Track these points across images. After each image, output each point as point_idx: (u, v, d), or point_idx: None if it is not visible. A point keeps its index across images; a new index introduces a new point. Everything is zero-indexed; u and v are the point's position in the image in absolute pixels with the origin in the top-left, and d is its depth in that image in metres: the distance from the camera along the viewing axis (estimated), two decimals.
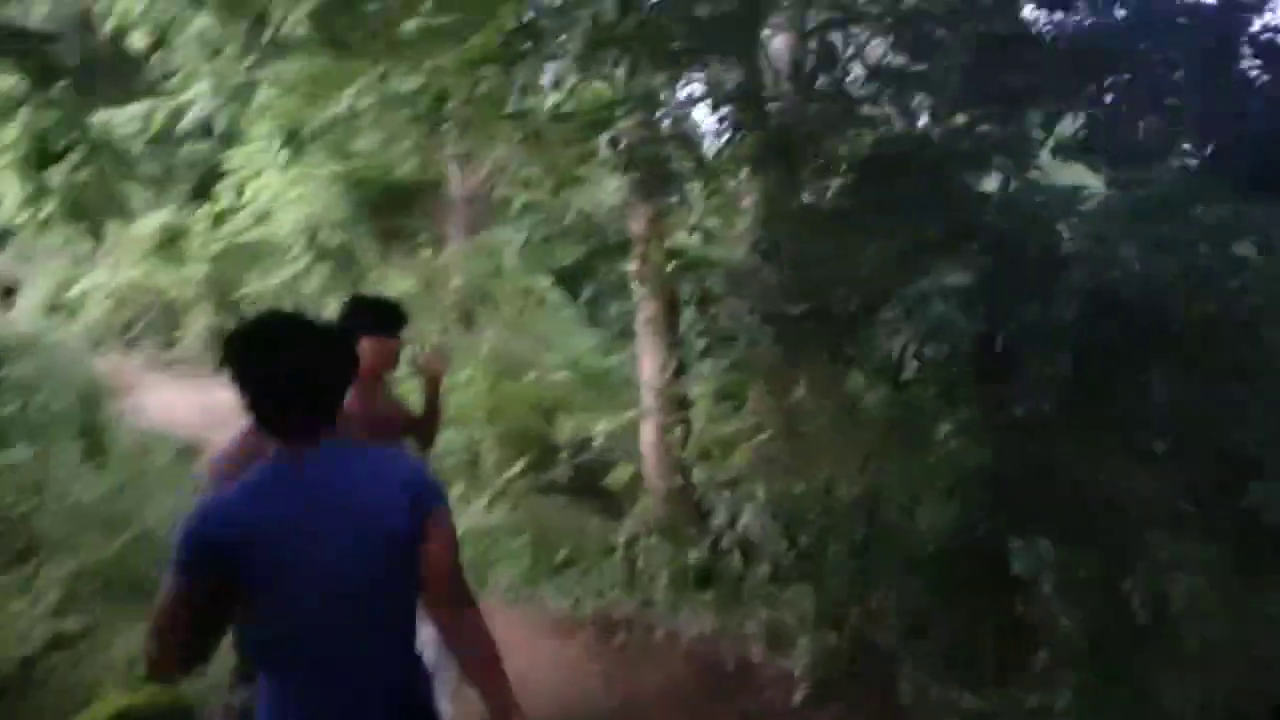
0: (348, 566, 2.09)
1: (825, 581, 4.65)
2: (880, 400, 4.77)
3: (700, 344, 5.90)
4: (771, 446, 5.21)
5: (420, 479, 2.25)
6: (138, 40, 12.09)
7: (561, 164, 6.47)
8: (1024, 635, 4.24)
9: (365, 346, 3.37)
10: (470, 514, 6.68)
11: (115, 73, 14.36)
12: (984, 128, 5.18)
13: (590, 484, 7.20)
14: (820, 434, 5.02)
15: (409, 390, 5.24)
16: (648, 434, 6.66)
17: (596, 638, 5.30)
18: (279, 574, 2.06)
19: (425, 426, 3.98)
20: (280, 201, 12.97)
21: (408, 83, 9.10)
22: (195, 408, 10.49)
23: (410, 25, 8.60)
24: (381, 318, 3.69)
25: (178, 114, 12.54)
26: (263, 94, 10.96)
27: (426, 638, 2.39)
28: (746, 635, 4.99)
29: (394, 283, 10.52)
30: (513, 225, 10.07)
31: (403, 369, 4.01)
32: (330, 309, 7.24)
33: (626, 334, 8.56)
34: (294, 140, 12.12)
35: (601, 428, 7.25)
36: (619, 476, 6.86)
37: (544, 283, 9.63)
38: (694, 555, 5.63)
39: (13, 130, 12.87)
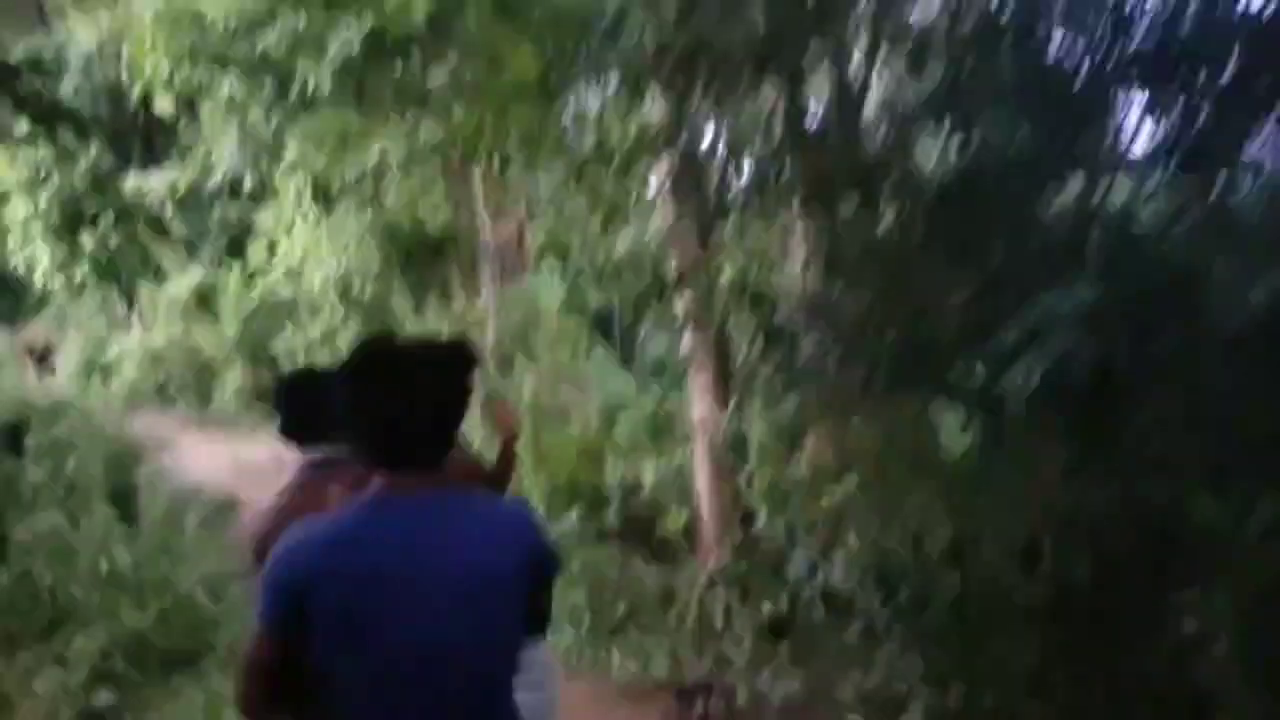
0: (441, 623, 1.80)
1: (926, 642, 4.00)
2: (977, 437, 4.15)
3: (766, 380, 5.29)
4: (854, 490, 4.59)
5: (542, 542, 1.98)
6: (164, 105, 11.82)
7: (606, 198, 5.96)
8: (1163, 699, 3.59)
9: None
10: None
11: (145, 138, 14.14)
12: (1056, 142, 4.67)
13: (641, 530, 6.59)
14: (906, 475, 4.40)
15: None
16: (703, 478, 6.05)
17: (674, 705, 4.63)
18: (364, 626, 1.78)
19: (495, 480, 3.54)
20: (311, 257, 12.62)
21: (436, 132, 8.72)
22: (231, 464, 10.25)
23: (438, 76, 8.22)
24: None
25: (207, 174, 12.25)
26: (291, 151, 10.63)
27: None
28: (839, 700, 4.31)
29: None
30: (550, 269, 9.60)
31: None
32: None
33: (666, 373, 8.03)
34: (323, 195, 11.79)
35: (651, 472, 6.67)
36: (673, 523, 6.25)
37: (582, 326, 9.16)
38: (768, 608, 4.99)
39: (44, 196, 12.60)
